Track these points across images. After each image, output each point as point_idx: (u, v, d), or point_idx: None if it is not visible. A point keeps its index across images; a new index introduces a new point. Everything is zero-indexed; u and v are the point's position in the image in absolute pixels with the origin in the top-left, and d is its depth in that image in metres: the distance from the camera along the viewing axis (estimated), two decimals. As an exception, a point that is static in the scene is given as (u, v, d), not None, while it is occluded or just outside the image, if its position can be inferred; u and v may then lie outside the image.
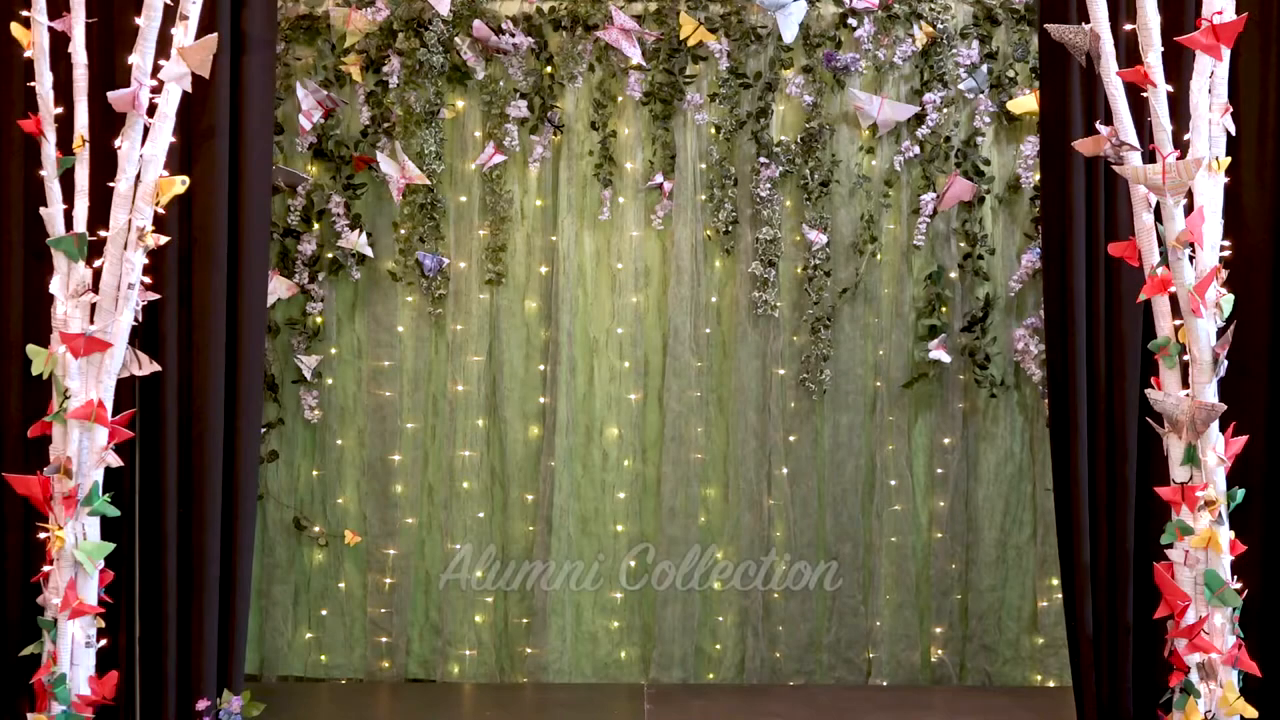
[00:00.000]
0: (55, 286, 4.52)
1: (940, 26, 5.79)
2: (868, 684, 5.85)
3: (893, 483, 5.89)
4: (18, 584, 4.77)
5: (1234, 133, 4.57)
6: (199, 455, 4.76)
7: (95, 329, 4.47)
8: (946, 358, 5.81)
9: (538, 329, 5.96)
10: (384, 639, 5.93)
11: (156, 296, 4.66)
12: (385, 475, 5.94)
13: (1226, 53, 4.43)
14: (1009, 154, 5.87)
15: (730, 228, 5.86)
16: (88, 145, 4.52)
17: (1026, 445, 5.88)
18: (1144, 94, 4.43)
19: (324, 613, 5.95)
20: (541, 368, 5.94)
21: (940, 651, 5.89)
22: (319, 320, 5.91)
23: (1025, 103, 5.77)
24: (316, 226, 5.88)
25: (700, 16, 5.80)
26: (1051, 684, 5.82)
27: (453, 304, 5.93)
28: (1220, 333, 4.44)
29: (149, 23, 4.49)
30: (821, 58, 5.81)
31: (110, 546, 4.54)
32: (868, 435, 5.90)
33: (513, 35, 5.80)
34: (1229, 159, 4.52)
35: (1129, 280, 4.73)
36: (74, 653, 4.50)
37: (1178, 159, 4.38)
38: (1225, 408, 4.45)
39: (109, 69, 4.67)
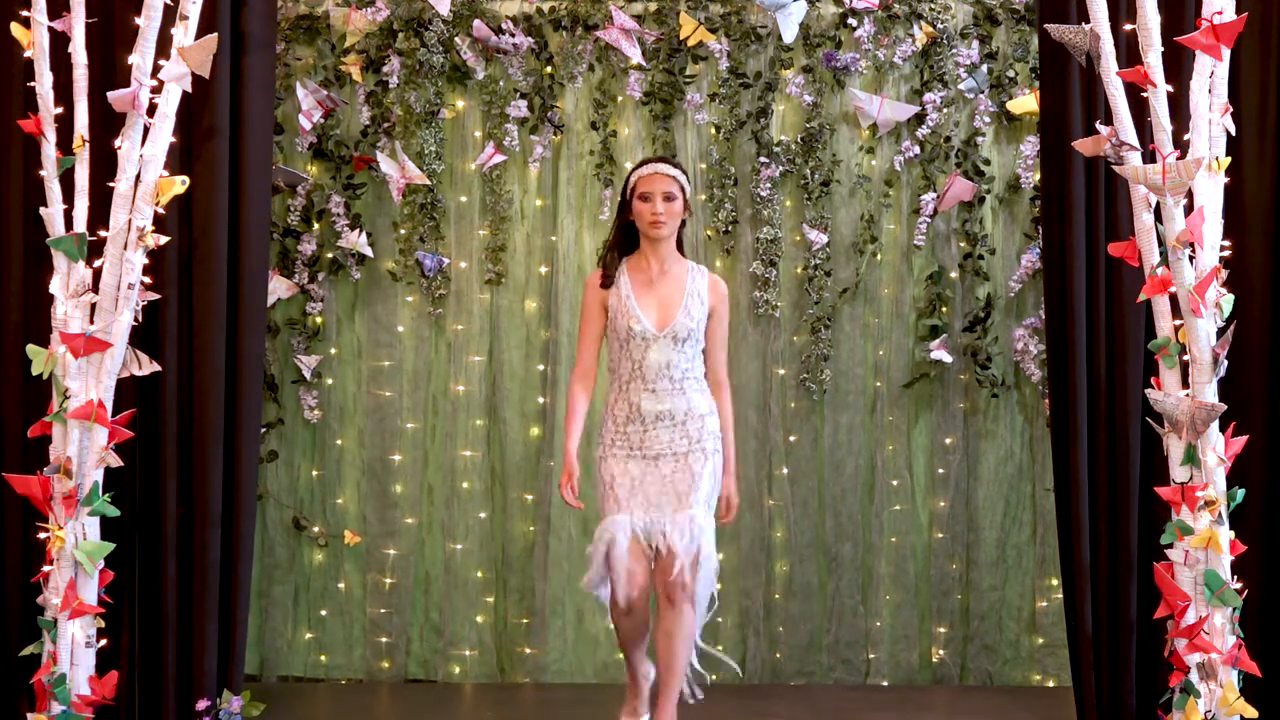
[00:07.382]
0: (55, 286, 4.52)
1: (940, 26, 5.78)
2: (867, 684, 5.85)
3: (893, 483, 5.89)
4: (18, 584, 4.77)
5: (1234, 133, 4.56)
6: (199, 455, 4.76)
7: (95, 329, 4.47)
8: (948, 358, 5.80)
9: (538, 329, 5.95)
10: (384, 639, 5.92)
11: (156, 296, 4.66)
12: (385, 475, 5.94)
13: (1226, 53, 4.42)
14: (1009, 154, 5.86)
15: (730, 227, 5.86)
16: (88, 145, 4.52)
17: (1026, 445, 5.88)
18: (1144, 94, 4.43)
19: (324, 613, 5.94)
20: (541, 368, 5.94)
21: (941, 651, 5.89)
22: (319, 320, 5.91)
23: (1025, 103, 5.77)
24: (316, 226, 5.88)
25: (700, 16, 5.80)
26: (1051, 684, 5.82)
27: (453, 304, 5.93)
28: (1220, 333, 4.44)
29: (149, 23, 4.49)
30: (821, 58, 5.81)
31: (110, 546, 4.54)
32: (868, 435, 5.90)
33: (513, 35, 5.80)
34: (1229, 159, 4.52)
35: (1129, 280, 4.73)
36: (74, 653, 4.50)
37: (1178, 159, 4.38)
38: (1225, 408, 4.45)
39: (109, 69, 4.67)
